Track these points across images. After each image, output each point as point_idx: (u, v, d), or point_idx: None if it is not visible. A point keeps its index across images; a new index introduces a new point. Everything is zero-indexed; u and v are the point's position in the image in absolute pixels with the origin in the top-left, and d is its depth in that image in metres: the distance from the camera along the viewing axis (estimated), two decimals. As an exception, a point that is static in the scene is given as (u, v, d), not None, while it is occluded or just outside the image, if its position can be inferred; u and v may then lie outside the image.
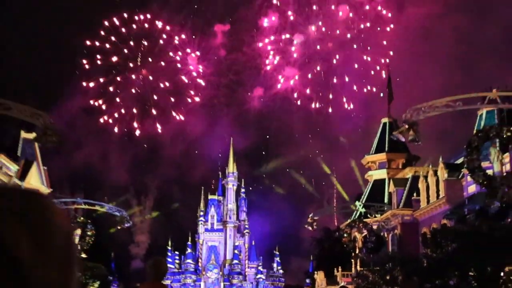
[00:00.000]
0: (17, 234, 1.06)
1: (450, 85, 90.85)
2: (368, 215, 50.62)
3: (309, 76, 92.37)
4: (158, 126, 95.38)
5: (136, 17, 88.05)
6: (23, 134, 43.03)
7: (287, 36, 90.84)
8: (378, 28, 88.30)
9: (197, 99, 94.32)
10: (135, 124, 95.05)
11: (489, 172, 25.37)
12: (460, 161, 35.32)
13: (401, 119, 25.96)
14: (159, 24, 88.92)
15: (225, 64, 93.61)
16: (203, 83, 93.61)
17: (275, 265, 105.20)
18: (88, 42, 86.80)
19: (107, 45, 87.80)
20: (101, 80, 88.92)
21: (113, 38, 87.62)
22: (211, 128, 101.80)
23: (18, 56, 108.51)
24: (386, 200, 53.01)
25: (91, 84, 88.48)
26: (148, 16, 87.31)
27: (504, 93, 25.92)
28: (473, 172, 24.78)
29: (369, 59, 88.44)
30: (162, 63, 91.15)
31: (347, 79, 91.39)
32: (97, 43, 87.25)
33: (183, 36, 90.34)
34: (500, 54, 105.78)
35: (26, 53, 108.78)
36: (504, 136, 24.67)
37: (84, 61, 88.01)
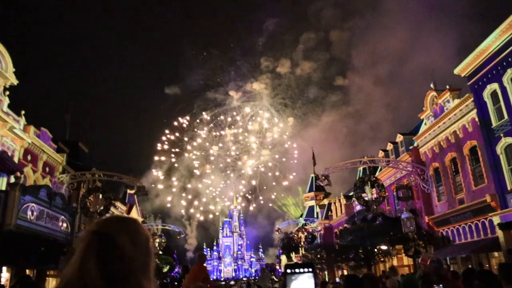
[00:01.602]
0: (123, 239, 1.14)
1: (345, 155, 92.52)
2: (307, 224, 50.35)
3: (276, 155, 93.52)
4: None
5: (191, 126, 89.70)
6: (128, 191, 42.93)
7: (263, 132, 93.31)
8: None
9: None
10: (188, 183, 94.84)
11: (366, 198, 25.52)
12: (351, 194, 35.38)
13: (321, 174, 26.14)
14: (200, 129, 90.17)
15: (231, 149, 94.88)
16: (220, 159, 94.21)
17: (260, 253, 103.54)
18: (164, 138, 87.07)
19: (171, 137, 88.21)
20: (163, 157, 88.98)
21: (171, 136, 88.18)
22: (225, 183, 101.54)
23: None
24: (315, 216, 52.59)
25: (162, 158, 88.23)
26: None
27: (369, 159, 26.59)
28: (358, 199, 24.95)
29: (305, 145, 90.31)
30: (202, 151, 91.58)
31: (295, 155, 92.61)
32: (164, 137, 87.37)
33: (204, 134, 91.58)
34: (368, 139, 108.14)
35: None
36: (372, 180, 25.08)
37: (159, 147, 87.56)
